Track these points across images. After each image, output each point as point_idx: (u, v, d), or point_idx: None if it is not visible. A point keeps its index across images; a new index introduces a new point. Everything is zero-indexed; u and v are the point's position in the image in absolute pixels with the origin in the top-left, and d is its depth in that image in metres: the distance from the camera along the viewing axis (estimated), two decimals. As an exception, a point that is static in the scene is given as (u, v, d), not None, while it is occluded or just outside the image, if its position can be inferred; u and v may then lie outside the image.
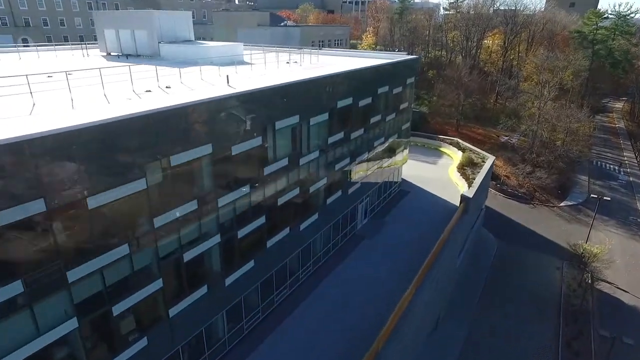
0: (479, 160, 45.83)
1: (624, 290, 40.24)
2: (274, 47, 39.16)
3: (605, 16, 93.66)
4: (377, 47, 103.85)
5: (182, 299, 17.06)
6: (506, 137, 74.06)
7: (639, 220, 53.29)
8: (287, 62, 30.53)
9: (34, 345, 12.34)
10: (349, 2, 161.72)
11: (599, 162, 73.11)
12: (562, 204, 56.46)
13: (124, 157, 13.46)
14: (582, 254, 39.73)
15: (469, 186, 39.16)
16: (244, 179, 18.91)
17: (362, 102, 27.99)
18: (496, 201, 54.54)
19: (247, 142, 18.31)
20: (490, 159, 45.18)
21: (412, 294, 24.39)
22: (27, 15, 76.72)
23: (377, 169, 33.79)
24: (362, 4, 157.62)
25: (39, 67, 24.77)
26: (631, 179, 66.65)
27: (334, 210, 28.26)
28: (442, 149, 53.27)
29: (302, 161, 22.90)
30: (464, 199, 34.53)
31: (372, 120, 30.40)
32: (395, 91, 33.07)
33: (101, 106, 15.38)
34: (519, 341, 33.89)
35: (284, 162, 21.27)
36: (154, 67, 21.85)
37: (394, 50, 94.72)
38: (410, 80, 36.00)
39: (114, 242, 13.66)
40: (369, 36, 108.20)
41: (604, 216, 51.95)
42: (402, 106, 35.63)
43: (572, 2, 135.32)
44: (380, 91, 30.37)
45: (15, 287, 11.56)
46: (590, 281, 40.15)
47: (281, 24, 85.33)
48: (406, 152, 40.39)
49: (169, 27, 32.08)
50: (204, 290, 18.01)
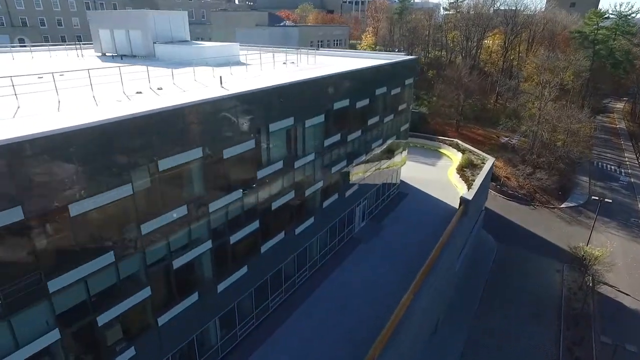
0: (479, 161, 45.34)
1: (626, 293, 39.73)
2: (271, 47, 38.68)
3: (606, 16, 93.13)
4: (377, 47, 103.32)
5: (172, 306, 16.60)
6: (506, 138, 73.59)
7: (641, 221, 52.83)
8: (284, 63, 30.09)
9: (12, 359, 11.86)
10: (349, 2, 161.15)
11: (600, 163, 72.60)
12: (562, 206, 55.94)
13: (108, 162, 12.98)
14: (583, 256, 39.19)
15: (469, 188, 38.67)
16: (236, 183, 18.44)
17: (359, 104, 27.52)
18: (496, 202, 54.06)
19: (239, 145, 17.84)
20: (490, 161, 44.67)
21: (410, 300, 23.89)
22: (24, 15, 76.18)
23: (375, 171, 33.32)
24: (362, 3, 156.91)
25: (31, 68, 24.36)
26: (632, 180, 66.11)
27: (331, 213, 27.79)
28: (441, 150, 52.79)
29: (297, 164, 22.42)
30: (463, 201, 34.03)
31: (370, 122, 29.92)
32: (393, 92, 32.59)
33: (88, 109, 14.91)
34: (519, 342, 33.41)
35: (279, 165, 20.80)
36: (148, 68, 21.39)
37: (393, 50, 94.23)
38: (409, 81, 35.53)
39: (98, 250, 13.19)
40: (368, 36, 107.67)
41: (605, 218, 51.43)
42: (400, 107, 35.15)
43: (572, 2, 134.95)
44: (378, 92, 29.90)
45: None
46: (591, 284, 39.64)
47: (280, 24, 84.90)
48: (405, 153, 39.93)
49: (164, 27, 31.70)
50: (194, 297, 17.54)
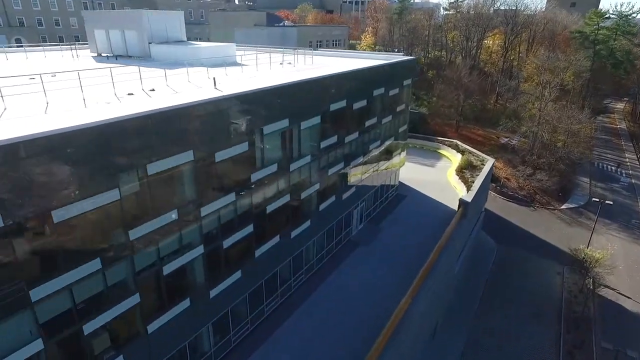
0: (478, 162, 44.92)
1: (627, 296, 39.32)
2: (269, 47, 38.30)
3: (606, 16, 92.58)
4: (377, 47, 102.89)
5: (162, 313, 16.20)
6: (506, 139, 73.17)
7: (642, 223, 52.42)
8: (281, 64, 29.71)
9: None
10: (348, 2, 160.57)
11: (601, 164, 72.18)
12: (563, 207, 55.51)
13: (94, 167, 12.57)
14: (584, 259, 38.76)
15: (468, 190, 38.26)
16: (229, 186, 18.04)
17: (356, 105, 27.13)
18: (496, 204, 53.63)
19: (232, 148, 17.45)
20: (489, 162, 44.24)
21: (408, 304, 23.50)
22: (22, 15, 75.80)
23: (373, 172, 32.93)
24: (362, 3, 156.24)
25: (24, 69, 23.97)
26: (633, 181, 65.68)
27: (328, 216, 27.40)
28: (440, 151, 52.39)
29: (293, 167, 22.02)
30: (462, 203, 33.62)
31: (368, 123, 29.53)
32: (391, 93, 32.19)
33: (76, 111, 14.51)
34: (519, 341, 33.13)
35: (273, 168, 20.40)
36: (143, 69, 21.07)
37: (393, 50, 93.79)
38: (407, 81, 35.14)
39: (83, 257, 12.79)
40: (368, 36, 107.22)
41: (605, 219, 51.00)
42: (399, 108, 34.76)
43: (573, 2, 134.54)
44: (375, 93, 29.51)
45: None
46: (592, 287, 39.22)
47: (279, 24, 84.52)
48: (403, 154, 39.53)
49: (160, 28, 31.35)
50: (186, 303, 17.14)
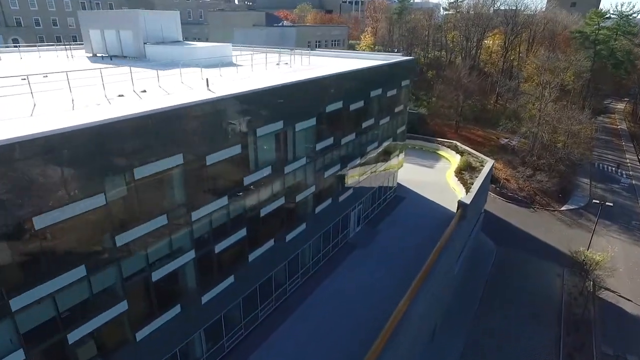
0: (478, 164, 44.50)
1: (627, 299, 38.95)
2: (266, 47, 37.93)
3: (607, 16, 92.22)
4: (376, 47, 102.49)
5: (152, 320, 15.82)
6: (506, 139, 72.79)
7: (642, 225, 52.00)
8: (277, 64, 29.32)
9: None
10: (348, 2, 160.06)
11: (601, 165, 71.78)
12: (563, 208, 55.12)
13: (79, 171, 12.20)
14: (584, 261, 38.36)
15: (467, 191, 37.86)
16: (221, 190, 17.66)
17: (353, 106, 26.74)
18: (495, 205, 53.24)
19: (224, 150, 17.07)
20: (489, 163, 43.84)
21: (406, 305, 23.15)
22: (19, 15, 75.46)
23: (371, 174, 32.54)
24: (361, 3, 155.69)
25: (17, 69, 23.59)
26: (633, 182, 65.27)
27: (324, 219, 27.00)
28: (439, 152, 51.97)
29: (288, 169, 21.64)
30: (461, 205, 33.25)
31: (365, 124, 29.13)
32: (389, 94, 31.80)
33: (64, 113, 14.13)
34: (519, 342, 32.82)
35: (267, 170, 20.02)
36: (136, 69, 20.68)
37: (392, 50, 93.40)
38: (405, 82, 34.75)
39: (67, 264, 12.41)
40: (367, 36, 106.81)
41: (606, 221, 50.60)
42: (397, 109, 34.36)
43: (573, 2, 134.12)
44: (373, 94, 29.12)
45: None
46: (592, 289, 38.82)
47: (278, 24, 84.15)
48: (402, 156, 39.13)
49: (156, 28, 31.01)
50: (177, 310, 16.76)
